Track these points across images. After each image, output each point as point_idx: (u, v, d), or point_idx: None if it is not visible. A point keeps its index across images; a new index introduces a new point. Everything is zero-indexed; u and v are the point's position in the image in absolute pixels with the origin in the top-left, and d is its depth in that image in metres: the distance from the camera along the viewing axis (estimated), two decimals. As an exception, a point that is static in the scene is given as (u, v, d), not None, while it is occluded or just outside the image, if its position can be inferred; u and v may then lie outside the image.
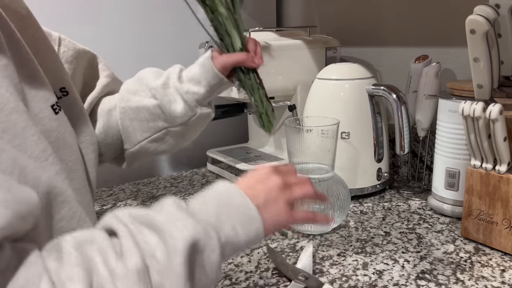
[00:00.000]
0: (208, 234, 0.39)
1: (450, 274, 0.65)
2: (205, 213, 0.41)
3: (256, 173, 0.49)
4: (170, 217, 0.38)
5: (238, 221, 0.42)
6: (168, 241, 0.36)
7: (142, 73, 0.70)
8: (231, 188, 0.45)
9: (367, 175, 0.94)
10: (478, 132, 0.68)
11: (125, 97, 0.69)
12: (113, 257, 0.34)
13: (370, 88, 0.89)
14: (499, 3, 0.66)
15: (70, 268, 0.32)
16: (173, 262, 0.35)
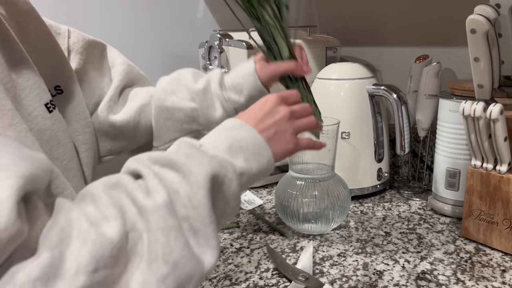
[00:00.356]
0: (224, 167, 0.42)
1: (450, 274, 0.65)
2: (218, 149, 0.43)
3: (264, 105, 0.51)
4: (187, 156, 0.41)
5: (249, 153, 0.45)
6: (189, 178, 0.39)
7: (181, 74, 0.70)
8: (239, 124, 0.47)
9: (367, 175, 0.93)
10: (478, 132, 0.68)
11: (161, 96, 0.68)
12: (141, 196, 0.37)
13: (370, 88, 0.89)
14: (499, 3, 0.65)
15: (104, 209, 0.34)
16: (197, 196, 0.38)
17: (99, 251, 0.31)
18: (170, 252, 0.35)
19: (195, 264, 0.37)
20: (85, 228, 0.32)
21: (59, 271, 0.30)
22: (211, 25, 1.20)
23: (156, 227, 0.35)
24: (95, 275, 0.31)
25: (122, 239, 0.33)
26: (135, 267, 0.34)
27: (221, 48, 1.00)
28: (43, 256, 0.29)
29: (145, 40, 1.11)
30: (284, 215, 0.79)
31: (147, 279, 0.34)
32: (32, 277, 0.28)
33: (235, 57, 0.97)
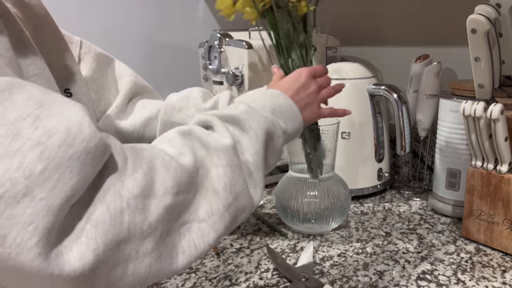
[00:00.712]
0: (274, 125, 0.50)
1: (451, 274, 0.64)
2: (265, 111, 0.51)
3: (299, 77, 0.60)
4: (247, 114, 0.48)
5: (287, 117, 0.54)
6: (249, 131, 0.47)
7: (191, 92, 0.73)
8: (278, 93, 0.56)
9: (367, 175, 0.93)
10: (479, 132, 0.68)
11: (169, 111, 0.71)
12: (212, 139, 0.43)
13: (370, 87, 0.89)
14: (500, 3, 0.65)
15: (179, 147, 0.41)
16: (255, 145, 0.46)
17: (180, 177, 0.38)
18: (235, 184, 0.42)
19: (248, 199, 0.44)
20: (168, 160, 0.38)
21: (152, 191, 0.35)
22: (211, 25, 1.20)
23: (226, 163, 0.42)
24: (177, 196, 0.37)
25: (194, 170, 0.40)
26: (202, 198, 0.40)
27: (221, 48, 1.00)
28: (139, 178, 0.35)
29: (145, 40, 1.11)
30: (284, 215, 0.79)
31: (214, 206, 0.40)
32: (135, 193, 0.34)
33: (235, 57, 0.97)
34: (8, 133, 0.30)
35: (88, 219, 0.32)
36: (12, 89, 0.32)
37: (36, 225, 0.29)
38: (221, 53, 0.99)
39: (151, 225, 0.35)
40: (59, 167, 0.30)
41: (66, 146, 0.31)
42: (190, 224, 0.39)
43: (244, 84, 0.96)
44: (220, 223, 0.40)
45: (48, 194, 0.30)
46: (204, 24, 1.19)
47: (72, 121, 0.32)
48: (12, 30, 0.47)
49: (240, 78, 0.96)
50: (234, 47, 0.97)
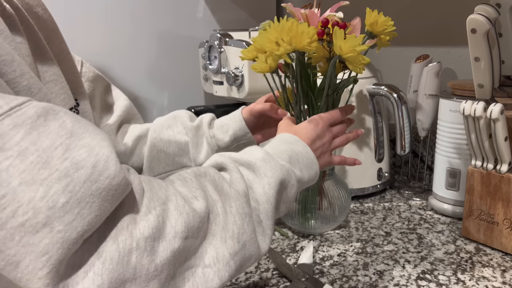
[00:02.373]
0: (289, 174, 0.50)
1: (451, 274, 0.64)
2: (282, 158, 0.51)
3: (316, 127, 0.60)
4: (263, 161, 0.48)
5: (304, 165, 0.53)
6: (263, 178, 0.47)
7: (177, 113, 0.75)
8: (297, 139, 0.56)
9: (367, 175, 0.93)
10: (479, 132, 0.68)
11: (157, 129, 0.73)
12: (226, 185, 0.44)
13: (370, 87, 0.89)
14: (499, 3, 0.65)
15: (194, 190, 0.41)
16: (267, 194, 0.46)
17: (191, 222, 0.38)
18: (243, 233, 0.42)
19: (256, 247, 0.44)
20: (181, 203, 0.38)
21: (162, 233, 0.35)
22: (211, 25, 1.20)
23: (236, 211, 0.42)
24: (186, 241, 0.37)
25: (205, 216, 0.40)
26: (209, 243, 0.40)
27: (221, 48, 1.00)
28: (151, 220, 0.35)
29: (145, 40, 1.11)
30: (284, 215, 0.79)
31: (220, 253, 0.40)
32: (145, 234, 0.34)
33: (235, 57, 0.97)
34: (38, 160, 0.31)
35: (98, 255, 0.32)
36: (47, 116, 0.33)
37: (50, 256, 0.30)
38: (221, 53, 0.99)
39: (157, 268, 0.35)
40: (81, 202, 0.31)
41: (91, 182, 0.32)
42: (195, 268, 0.39)
43: (244, 84, 0.96)
44: (225, 270, 0.40)
45: (66, 227, 0.31)
46: (204, 24, 1.19)
47: (100, 156, 0.33)
48: (32, 37, 0.49)
49: (240, 78, 0.96)
50: (234, 47, 0.97)
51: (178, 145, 0.72)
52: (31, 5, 0.53)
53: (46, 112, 0.33)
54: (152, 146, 0.72)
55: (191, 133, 0.71)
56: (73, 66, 0.61)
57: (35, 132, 0.32)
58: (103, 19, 1.04)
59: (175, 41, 1.15)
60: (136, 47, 1.10)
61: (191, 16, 1.18)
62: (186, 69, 1.18)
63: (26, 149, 0.31)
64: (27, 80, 0.41)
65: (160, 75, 1.15)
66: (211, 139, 0.71)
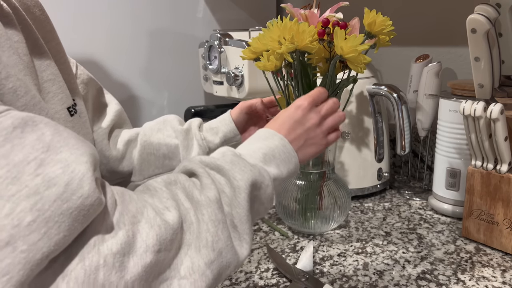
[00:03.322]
0: (261, 174, 0.47)
1: (451, 274, 0.64)
2: (255, 157, 0.49)
3: (295, 113, 0.55)
4: (232, 164, 0.46)
5: (280, 161, 0.50)
6: (233, 182, 0.44)
7: (167, 117, 0.76)
8: (272, 133, 0.53)
9: (367, 175, 0.93)
10: (479, 132, 0.68)
11: (147, 132, 0.73)
12: (196, 192, 0.42)
13: (370, 87, 0.89)
14: (499, 3, 0.65)
15: (165, 201, 0.40)
16: (238, 197, 0.44)
17: (163, 234, 0.36)
18: (217, 240, 0.41)
19: (233, 254, 0.42)
20: (152, 216, 0.37)
21: (132, 248, 0.34)
22: (211, 25, 1.20)
23: (208, 219, 0.41)
24: (158, 255, 0.36)
25: (178, 227, 0.38)
26: (184, 253, 0.39)
27: (221, 48, 1.00)
28: (120, 235, 0.34)
29: (145, 40, 1.11)
30: (284, 215, 0.79)
31: (196, 263, 0.39)
32: (114, 250, 0.33)
33: (235, 57, 0.97)
34: (8, 175, 0.30)
35: (62, 275, 0.31)
36: (25, 127, 0.32)
37: (10, 277, 0.29)
38: (221, 53, 0.99)
39: (127, 284, 0.33)
40: (49, 221, 0.30)
41: (62, 200, 0.30)
42: (170, 280, 0.37)
43: (244, 84, 0.96)
44: (201, 281, 0.39)
45: (30, 247, 0.29)
46: (204, 24, 1.19)
47: (75, 174, 0.32)
48: (29, 37, 0.49)
49: (240, 78, 0.96)
50: (234, 47, 0.97)
51: (168, 148, 0.72)
52: (29, 6, 0.53)
53: (24, 123, 0.32)
54: (142, 149, 0.72)
55: (181, 136, 0.71)
56: (69, 67, 0.61)
57: (9, 144, 0.31)
58: (103, 19, 1.04)
59: (175, 41, 1.15)
60: (136, 47, 1.10)
61: (191, 16, 1.18)
62: (186, 69, 1.18)
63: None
64: (12, 83, 0.40)
65: (160, 75, 1.15)
66: (202, 141, 0.71)
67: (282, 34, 0.59)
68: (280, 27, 0.60)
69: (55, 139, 0.32)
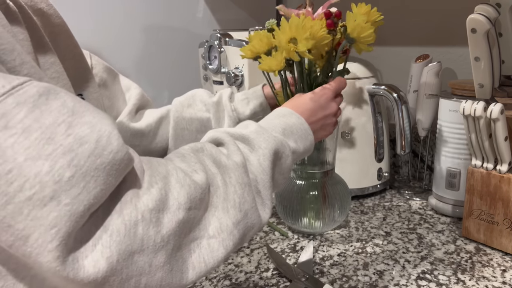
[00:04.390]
0: (283, 145, 0.51)
1: (451, 274, 0.64)
2: (276, 130, 0.52)
3: (320, 98, 0.61)
4: (257, 133, 0.49)
5: (298, 136, 0.54)
6: (258, 150, 0.48)
7: (196, 91, 0.77)
8: (290, 112, 0.57)
9: (367, 175, 0.93)
10: (479, 132, 0.68)
11: (179, 108, 0.75)
12: (224, 157, 0.45)
13: (370, 87, 0.89)
14: (499, 2, 0.65)
15: (193, 165, 0.42)
16: (262, 164, 0.47)
17: (193, 193, 0.39)
18: (244, 202, 0.43)
19: (257, 216, 0.45)
20: (182, 176, 0.39)
21: (166, 205, 0.36)
22: (211, 25, 1.20)
23: (236, 181, 0.43)
24: (189, 212, 0.38)
25: (206, 187, 0.41)
26: (211, 215, 0.41)
27: (221, 48, 1.00)
28: (154, 193, 0.36)
29: (145, 40, 1.11)
30: (284, 215, 0.79)
31: (224, 223, 0.41)
32: (150, 206, 0.35)
33: (235, 57, 0.97)
34: (42, 136, 0.31)
35: (104, 228, 0.33)
36: (49, 95, 0.33)
37: (59, 229, 0.30)
38: (221, 53, 0.99)
39: (164, 239, 0.36)
40: (86, 175, 0.32)
41: (95, 156, 0.32)
42: (200, 240, 0.40)
43: (244, 84, 0.96)
44: (229, 239, 0.41)
45: (73, 200, 0.31)
46: (204, 24, 1.19)
47: (102, 132, 0.33)
48: (34, 35, 0.50)
49: (240, 78, 0.96)
50: (234, 47, 0.97)
51: (200, 122, 0.73)
52: (35, 2, 0.54)
53: (47, 91, 0.33)
54: (175, 125, 0.74)
55: (212, 109, 0.73)
56: (82, 59, 0.61)
57: (38, 110, 0.32)
58: (102, 18, 1.04)
59: (175, 41, 1.15)
60: (136, 47, 1.10)
61: (191, 16, 1.18)
62: (186, 69, 1.18)
63: (29, 126, 0.31)
64: (27, 70, 0.41)
65: (160, 75, 1.15)
66: (232, 112, 0.73)
67: (297, 33, 0.60)
68: (291, 27, 0.61)
69: (77, 105, 0.34)
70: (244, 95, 0.75)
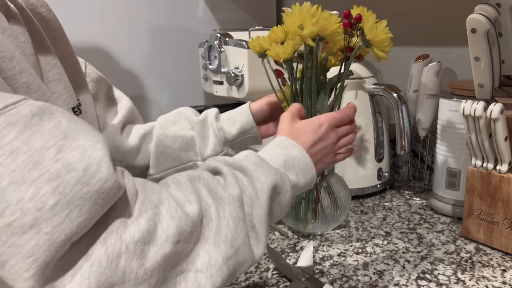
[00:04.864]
0: (283, 179, 0.49)
1: (451, 274, 0.64)
2: (277, 163, 0.50)
3: (318, 130, 0.58)
4: (257, 165, 0.48)
5: (299, 170, 0.52)
6: (256, 183, 0.46)
7: (181, 109, 0.75)
8: (293, 144, 0.55)
9: (367, 175, 0.93)
10: (479, 132, 0.68)
11: (163, 125, 0.73)
12: (220, 189, 0.43)
13: (370, 87, 0.89)
14: (499, 2, 0.65)
15: (188, 194, 0.41)
16: (260, 199, 0.45)
17: (183, 226, 0.37)
18: (236, 238, 0.42)
19: (249, 252, 0.43)
20: (174, 207, 0.38)
21: (153, 237, 0.35)
22: (211, 25, 1.20)
23: (230, 215, 0.42)
24: (177, 245, 0.37)
25: (198, 220, 0.39)
26: (201, 247, 0.40)
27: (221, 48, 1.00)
28: (142, 223, 0.35)
29: (145, 39, 1.11)
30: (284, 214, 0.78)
31: (213, 258, 0.40)
32: (135, 238, 0.34)
33: (235, 57, 0.97)
34: (30, 160, 0.31)
35: (86, 258, 0.32)
36: (43, 115, 0.33)
37: (36, 258, 0.30)
38: (221, 53, 0.99)
39: (147, 272, 0.34)
40: (70, 204, 0.31)
41: (81, 184, 0.32)
42: (187, 273, 0.38)
43: (244, 84, 0.96)
44: (217, 276, 0.40)
45: (54, 229, 0.30)
46: (204, 24, 1.19)
47: (92, 159, 0.33)
48: (35, 37, 0.49)
49: (240, 78, 0.96)
50: (234, 47, 0.97)
51: (184, 140, 0.72)
52: (36, 6, 0.53)
53: (41, 112, 0.33)
54: (158, 142, 0.72)
55: (197, 127, 0.71)
56: (77, 66, 0.61)
57: (29, 131, 0.31)
58: (102, 19, 1.04)
59: (175, 41, 1.15)
60: (136, 47, 1.10)
61: (191, 16, 1.18)
62: (186, 69, 1.18)
63: (18, 148, 0.31)
64: (26, 77, 0.41)
65: (160, 75, 1.15)
66: (218, 131, 0.71)
67: (305, 18, 0.59)
68: (302, 12, 0.60)
69: (71, 127, 0.33)
70: (230, 114, 0.74)
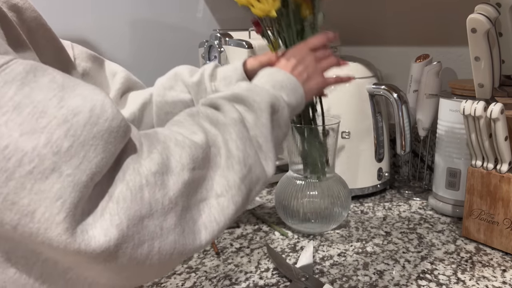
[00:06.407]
0: (277, 98, 0.51)
1: (451, 274, 0.64)
2: (267, 86, 0.53)
3: (295, 53, 0.62)
4: (249, 91, 0.50)
5: (289, 90, 0.54)
6: (253, 105, 0.48)
7: (178, 70, 0.75)
8: (276, 69, 0.57)
9: (367, 175, 0.93)
10: (479, 132, 0.68)
11: (161, 92, 0.73)
12: (221, 116, 0.45)
13: (370, 87, 0.89)
14: (500, 2, 0.65)
15: (191, 127, 0.42)
16: (261, 118, 0.47)
17: (195, 153, 0.39)
18: (247, 157, 0.43)
19: (261, 170, 0.45)
20: (181, 139, 0.39)
21: (169, 168, 0.36)
22: (211, 25, 1.20)
23: (236, 136, 0.43)
24: (194, 172, 0.38)
25: (207, 146, 0.41)
26: (217, 174, 0.41)
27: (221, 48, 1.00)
28: (155, 157, 0.36)
29: (145, 39, 1.11)
30: (284, 215, 0.78)
31: (231, 180, 0.41)
32: (152, 170, 0.35)
33: (235, 57, 0.97)
34: (35, 110, 0.31)
35: (109, 197, 0.33)
36: (36, 72, 0.33)
37: (64, 200, 0.30)
38: (221, 53, 0.99)
39: (172, 200, 0.35)
40: (84, 145, 0.31)
41: (91, 125, 0.32)
42: (208, 200, 0.40)
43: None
44: (238, 195, 0.41)
45: (75, 170, 0.31)
46: (204, 24, 1.19)
47: (95, 101, 0.33)
48: (10, 33, 0.48)
49: (240, 77, 0.96)
50: (234, 47, 0.97)
51: (184, 104, 0.72)
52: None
53: (34, 69, 0.33)
54: (159, 110, 0.72)
55: (193, 91, 0.71)
56: (61, 52, 0.60)
57: (27, 87, 0.32)
58: (101, 19, 1.04)
59: (175, 41, 1.15)
60: (136, 47, 1.10)
61: (191, 15, 1.18)
62: (186, 69, 1.18)
63: (20, 103, 0.31)
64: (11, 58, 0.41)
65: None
66: (213, 93, 0.70)
67: None
68: None
69: (66, 81, 0.34)
70: (227, 72, 0.72)
